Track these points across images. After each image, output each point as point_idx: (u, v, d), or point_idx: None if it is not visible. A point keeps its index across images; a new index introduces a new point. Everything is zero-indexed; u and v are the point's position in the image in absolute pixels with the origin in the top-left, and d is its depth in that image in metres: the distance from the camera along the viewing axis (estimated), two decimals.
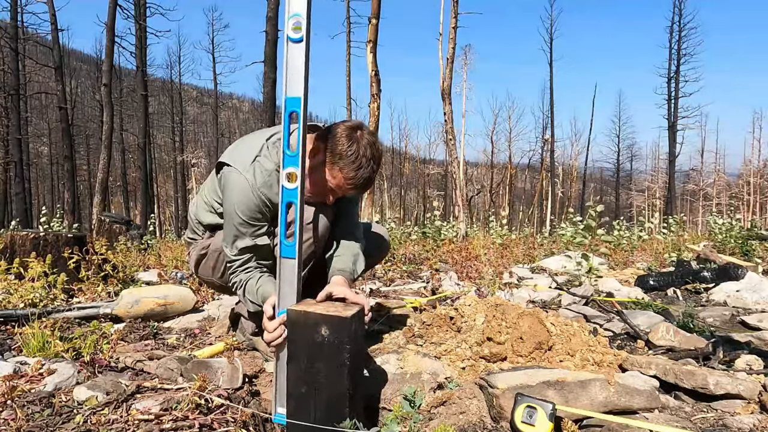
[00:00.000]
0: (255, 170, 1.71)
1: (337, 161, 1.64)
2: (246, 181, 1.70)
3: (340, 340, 1.34)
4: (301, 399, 1.40)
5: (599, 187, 47.99)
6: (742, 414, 1.60)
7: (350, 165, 1.63)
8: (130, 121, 31.88)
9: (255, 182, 1.70)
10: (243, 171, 1.72)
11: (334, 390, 1.35)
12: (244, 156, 1.75)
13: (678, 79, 32.28)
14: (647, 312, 2.91)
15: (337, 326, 1.35)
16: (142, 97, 23.60)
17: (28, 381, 1.55)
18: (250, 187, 1.70)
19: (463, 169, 18.31)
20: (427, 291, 3.75)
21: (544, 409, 1.42)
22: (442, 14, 13.23)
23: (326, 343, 1.35)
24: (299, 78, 1.38)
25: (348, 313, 1.36)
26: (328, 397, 1.36)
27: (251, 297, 1.77)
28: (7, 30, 21.75)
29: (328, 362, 1.35)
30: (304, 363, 1.39)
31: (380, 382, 1.80)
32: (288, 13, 1.38)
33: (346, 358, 1.33)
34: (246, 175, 1.71)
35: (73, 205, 22.04)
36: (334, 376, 1.35)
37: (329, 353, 1.35)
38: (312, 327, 1.37)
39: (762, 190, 36.00)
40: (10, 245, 3.45)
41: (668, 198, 32.22)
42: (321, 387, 1.37)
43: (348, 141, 1.63)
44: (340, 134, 1.64)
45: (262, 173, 1.71)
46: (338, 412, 1.35)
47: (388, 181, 40.66)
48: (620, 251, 7.19)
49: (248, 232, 1.74)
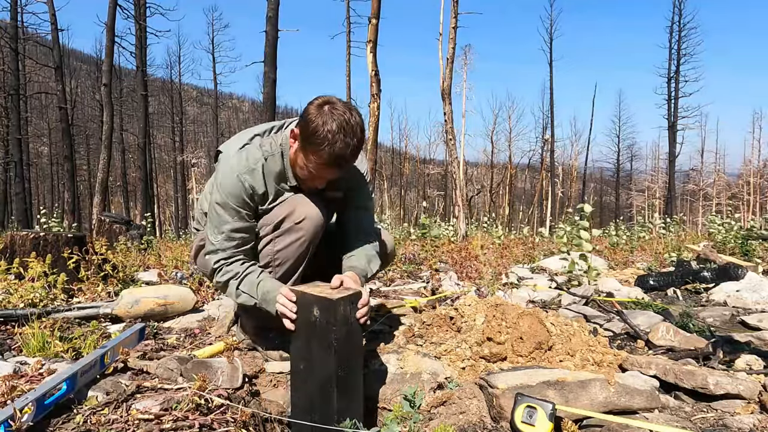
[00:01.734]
0: (241, 156, 1.74)
1: (306, 144, 1.62)
2: (231, 167, 1.73)
3: (328, 321, 1.39)
4: (300, 375, 1.48)
5: (599, 187, 47.95)
6: (742, 414, 1.60)
7: (319, 144, 1.58)
8: (130, 121, 31.87)
9: (239, 167, 1.72)
10: (230, 157, 1.75)
11: (323, 370, 1.41)
12: (235, 144, 1.79)
13: (678, 79, 32.26)
14: (647, 312, 2.91)
15: (326, 307, 1.40)
16: (142, 97, 23.59)
17: (28, 381, 1.55)
18: (234, 172, 1.72)
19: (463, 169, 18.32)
20: (427, 291, 3.75)
21: (544, 409, 1.42)
22: (442, 14, 13.23)
23: (317, 323, 1.41)
24: None
25: (337, 296, 1.40)
26: (318, 376, 1.41)
27: (247, 289, 1.74)
28: (7, 30, 21.74)
29: (320, 342, 1.41)
30: (302, 341, 1.47)
31: (380, 382, 1.80)
32: None
33: (333, 338, 1.37)
34: (231, 161, 1.74)
35: (73, 205, 22.03)
36: (324, 355, 1.40)
37: (320, 333, 1.41)
38: (308, 307, 1.45)
39: (762, 190, 35.99)
40: (10, 245, 3.45)
41: (668, 198, 32.21)
42: (314, 365, 1.43)
43: (314, 119, 1.58)
44: (308, 114, 1.61)
45: (247, 160, 1.73)
46: (326, 392, 1.40)
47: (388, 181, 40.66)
48: (620, 251, 7.19)
49: (232, 216, 1.73)
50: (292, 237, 1.77)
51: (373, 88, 9.68)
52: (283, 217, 1.77)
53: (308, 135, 1.59)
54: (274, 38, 12.88)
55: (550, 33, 35.01)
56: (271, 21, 12.86)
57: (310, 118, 1.59)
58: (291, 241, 1.78)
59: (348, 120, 1.58)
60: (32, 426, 1.26)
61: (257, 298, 1.71)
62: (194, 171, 35.73)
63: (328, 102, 1.61)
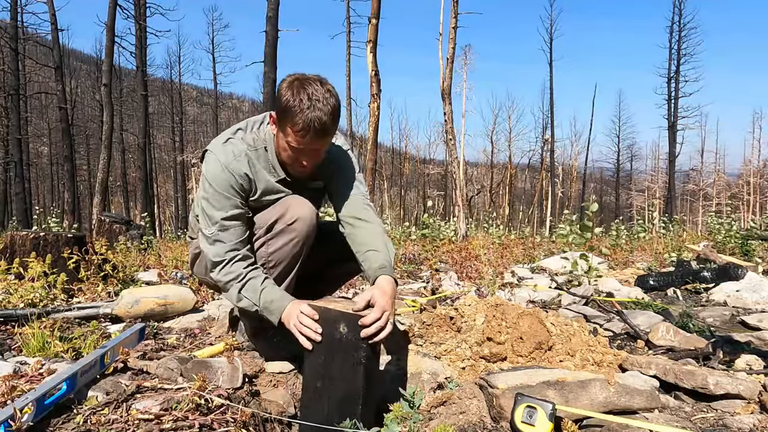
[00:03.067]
0: (226, 148, 1.76)
1: (283, 120, 1.63)
2: (218, 161, 1.74)
3: (357, 338, 1.35)
4: (316, 393, 1.43)
5: (599, 187, 47.95)
6: (742, 414, 1.60)
7: (294, 114, 1.58)
8: (130, 121, 31.87)
9: (225, 159, 1.74)
10: (215, 151, 1.77)
11: (349, 387, 1.38)
12: (219, 139, 1.82)
13: (678, 79, 32.27)
14: (647, 312, 2.91)
15: (355, 324, 1.37)
16: (142, 97, 23.59)
17: (28, 381, 1.55)
18: (221, 165, 1.73)
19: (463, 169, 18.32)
20: (427, 291, 3.75)
21: (544, 409, 1.42)
22: (442, 14, 13.22)
23: (344, 340, 1.38)
24: None
25: (366, 312, 1.38)
26: (342, 394, 1.38)
27: (249, 295, 1.71)
28: (7, 30, 21.74)
29: (345, 359, 1.38)
30: (321, 358, 1.42)
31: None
32: None
33: (362, 356, 1.35)
34: (218, 155, 1.75)
35: (73, 205, 22.04)
36: (349, 373, 1.37)
37: (346, 350, 1.37)
38: (331, 323, 1.40)
39: (762, 190, 36.01)
40: (10, 245, 3.45)
41: (668, 198, 32.21)
42: (336, 383, 1.39)
43: (285, 94, 1.60)
44: (280, 92, 1.63)
45: (232, 152, 1.75)
46: (350, 409, 1.37)
47: (388, 181, 40.66)
48: (620, 251, 7.19)
49: (222, 205, 1.73)
50: (285, 238, 1.77)
51: (373, 88, 9.69)
52: (275, 219, 1.77)
53: (283, 110, 1.61)
54: (274, 38, 12.89)
55: (550, 33, 35.05)
56: (271, 21, 12.86)
57: (282, 94, 1.61)
58: (284, 242, 1.77)
59: (319, 86, 1.61)
60: (32, 426, 1.26)
61: (259, 306, 1.69)
62: (194, 171, 35.72)
63: (297, 78, 1.64)
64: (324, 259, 2.05)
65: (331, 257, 2.03)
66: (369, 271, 1.68)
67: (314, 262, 1.97)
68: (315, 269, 2.06)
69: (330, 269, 2.14)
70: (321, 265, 2.09)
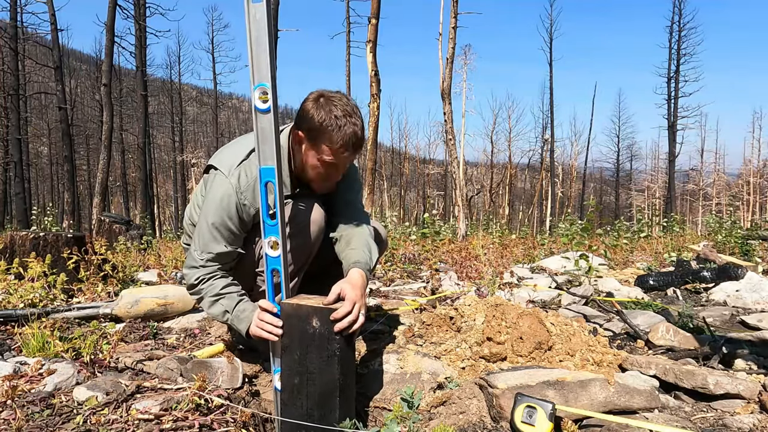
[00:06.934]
0: (240, 174, 1.69)
1: (315, 138, 1.62)
2: (230, 185, 1.68)
3: (330, 331, 1.38)
4: (294, 390, 1.45)
5: (599, 187, 47.95)
6: (741, 414, 1.60)
7: (330, 132, 1.59)
8: (130, 121, 31.86)
9: (238, 186, 1.68)
10: (227, 174, 1.69)
11: (326, 380, 1.40)
12: (230, 159, 1.73)
13: (678, 79, 32.24)
14: (647, 312, 2.91)
15: (327, 318, 1.40)
16: (142, 97, 23.58)
17: (28, 381, 1.55)
18: (234, 191, 1.67)
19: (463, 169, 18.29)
20: (427, 291, 3.75)
21: (543, 409, 1.42)
22: (441, 14, 13.22)
23: (317, 334, 1.40)
24: (271, 148, 1.45)
25: (338, 306, 1.41)
26: (320, 388, 1.41)
27: (225, 302, 1.70)
28: (7, 30, 21.72)
29: (320, 353, 1.41)
30: (297, 354, 1.45)
31: (380, 382, 1.80)
32: (253, 83, 1.42)
33: (336, 348, 1.38)
34: (231, 179, 1.68)
35: (73, 205, 22.04)
36: (325, 366, 1.40)
37: (320, 344, 1.40)
38: (304, 319, 1.43)
39: (762, 190, 36.01)
40: (9, 245, 3.45)
41: (668, 198, 32.19)
42: (313, 377, 1.42)
43: (316, 113, 1.60)
44: (307, 111, 1.63)
45: (246, 178, 1.68)
46: (329, 402, 1.40)
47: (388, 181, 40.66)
48: (620, 251, 7.19)
49: (223, 236, 1.69)
50: (294, 243, 1.77)
51: (373, 88, 9.69)
52: None
53: (316, 128, 1.60)
54: (274, 38, 12.88)
55: (550, 33, 34.99)
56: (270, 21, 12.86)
57: (311, 114, 1.61)
58: (294, 246, 1.78)
59: (347, 102, 1.65)
60: (34, 426, 1.26)
61: (231, 313, 1.68)
62: (194, 171, 35.72)
63: (322, 95, 1.65)
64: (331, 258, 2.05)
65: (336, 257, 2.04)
66: (345, 266, 1.71)
67: (323, 260, 1.97)
68: (322, 266, 2.07)
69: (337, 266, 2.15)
70: (329, 262, 2.09)
